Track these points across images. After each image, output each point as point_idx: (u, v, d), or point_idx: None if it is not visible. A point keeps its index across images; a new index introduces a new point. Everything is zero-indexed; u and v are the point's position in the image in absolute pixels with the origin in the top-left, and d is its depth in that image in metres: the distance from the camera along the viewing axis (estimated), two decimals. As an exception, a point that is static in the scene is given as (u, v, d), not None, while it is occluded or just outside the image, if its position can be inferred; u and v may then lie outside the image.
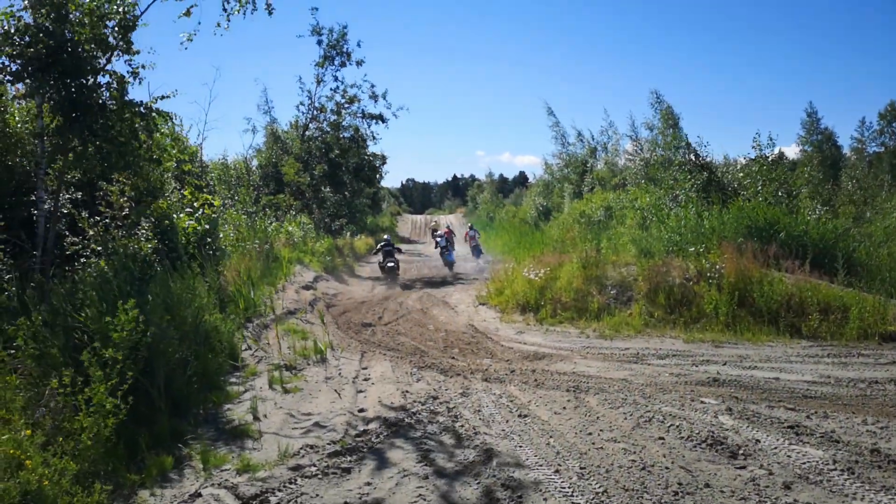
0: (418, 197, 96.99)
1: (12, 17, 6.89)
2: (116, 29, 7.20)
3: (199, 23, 8.03)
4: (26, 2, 6.99)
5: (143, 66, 7.59)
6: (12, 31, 6.88)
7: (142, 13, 7.36)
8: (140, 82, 7.59)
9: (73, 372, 4.32)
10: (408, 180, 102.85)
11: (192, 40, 7.89)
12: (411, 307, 12.36)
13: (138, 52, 7.52)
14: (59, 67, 6.95)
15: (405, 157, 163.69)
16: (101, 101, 7.23)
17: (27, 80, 7.12)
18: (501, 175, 74.84)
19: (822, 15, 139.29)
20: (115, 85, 7.30)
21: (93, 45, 7.06)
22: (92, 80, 7.14)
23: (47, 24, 6.97)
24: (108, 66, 7.37)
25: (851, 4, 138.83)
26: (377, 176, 30.83)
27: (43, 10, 6.99)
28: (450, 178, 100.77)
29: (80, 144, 7.20)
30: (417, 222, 50.49)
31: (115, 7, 7.12)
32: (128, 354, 4.65)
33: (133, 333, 4.89)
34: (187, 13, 7.67)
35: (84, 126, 7.05)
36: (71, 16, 7.08)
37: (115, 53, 7.32)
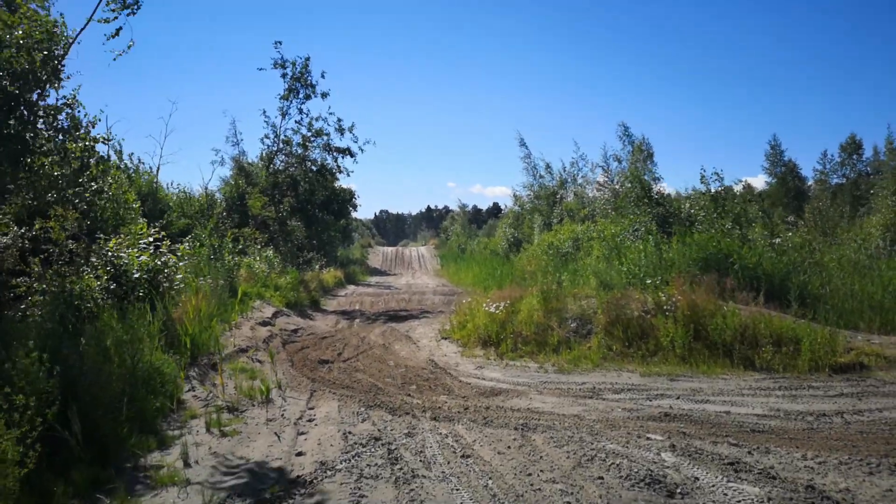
0: (392, 228, 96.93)
1: None
2: (45, 61, 7.08)
3: (132, 40, 8.04)
4: None
5: (74, 93, 7.57)
6: None
7: (73, 39, 7.29)
8: (81, 109, 7.55)
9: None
10: (381, 211, 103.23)
11: (122, 55, 7.92)
12: (373, 342, 12.15)
13: (69, 78, 7.48)
14: None
15: (378, 189, 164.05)
16: (35, 134, 7.09)
17: None
18: (475, 206, 75.46)
19: (786, 50, 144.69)
20: (51, 116, 7.19)
21: (22, 80, 6.92)
22: (27, 113, 7.01)
23: None
24: (44, 101, 7.26)
25: (812, 42, 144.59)
26: (347, 209, 30.74)
27: None
28: (423, 210, 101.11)
29: (13, 179, 7.03)
30: (388, 254, 50.23)
31: (44, 41, 7.02)
32: (40, 399, 4.42)
33: (37, 379, 4.65)
34: (116, 34, 7.68)
35: (15, 160, 6.88)
36: None
37: (47, 85, 7.21)
